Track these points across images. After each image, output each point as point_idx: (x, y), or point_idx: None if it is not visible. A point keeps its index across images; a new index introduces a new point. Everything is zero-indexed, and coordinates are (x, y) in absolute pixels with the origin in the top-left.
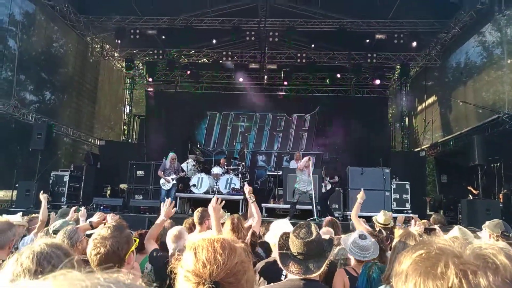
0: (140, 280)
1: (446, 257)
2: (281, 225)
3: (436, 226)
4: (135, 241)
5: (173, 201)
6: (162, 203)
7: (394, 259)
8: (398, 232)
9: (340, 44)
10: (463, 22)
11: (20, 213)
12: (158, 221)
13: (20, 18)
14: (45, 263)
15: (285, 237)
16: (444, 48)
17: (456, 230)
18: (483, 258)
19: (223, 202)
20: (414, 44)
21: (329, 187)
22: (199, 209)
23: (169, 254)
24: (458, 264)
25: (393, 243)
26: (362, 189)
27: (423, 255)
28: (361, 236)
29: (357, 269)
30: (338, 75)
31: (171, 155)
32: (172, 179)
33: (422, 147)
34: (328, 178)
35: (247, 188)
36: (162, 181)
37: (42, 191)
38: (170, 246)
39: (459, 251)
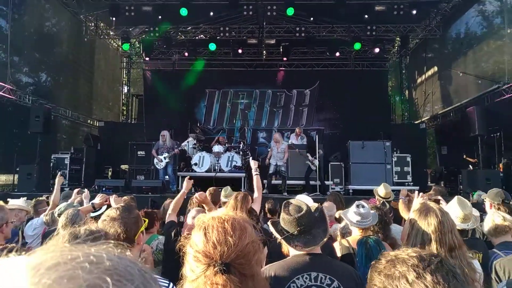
0: (143, 255)
1: None
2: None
3: (439, 197)
4: (144, 221)
5: (173, 178)
6: (166, 182)
7: (415, 236)
8: (401, 205)
9: (339, 17)
10: None
11: (24, 198)
12: (179, 195)
13: None
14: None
15: (275, 223)
16: (444, 18)
17: (455, 200)
18: None
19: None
20: (414, 13)
21: (316, 163)
22: (211, 189)
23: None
24: None
25: (411, 217)
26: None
27: None
28: (359, 206)
29: (351, 242)
30: (337, 54)
31: (161, 133)
32: (165, 158)
33: (422, 119)
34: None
35: (252, 162)
36: (155, 160)
37: (59, 173)
38: (190, 221)
39: None
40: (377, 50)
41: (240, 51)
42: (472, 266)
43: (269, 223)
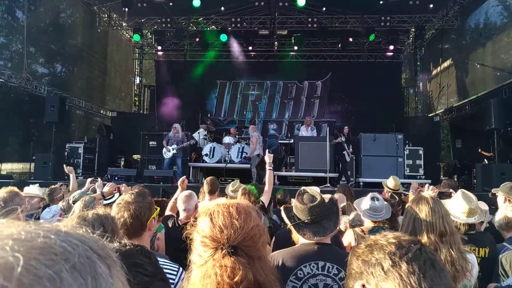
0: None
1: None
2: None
3: (451, 190)
4: (156, 209)
5: (184, 176)
6: (175, 178)
7: (407, 223)
8: (411, 197)
9: (352, 8)
10: None
11: (37, 185)
12: (175, 196)
13: None
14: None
15: (288, 209)
16: (462, 8)
17: (459, 194)
18: None
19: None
20: (431, 5)
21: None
22: (208, 179)
23: (179, 216)
24: None
25: (406, 207)
26: None
27: None
28: (373, 198)
29: (365, 230)
30: (351, 39)
31: (173, 125)
32: (173, 149)
33: (437, 112)
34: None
35: (267, 157)
36: (164, 150)
37: (64, 164)
38: (181, 206)
39: None
40: (391, 47)
41: (250, 48)
42: (464, 255)
43: (281, 208)
